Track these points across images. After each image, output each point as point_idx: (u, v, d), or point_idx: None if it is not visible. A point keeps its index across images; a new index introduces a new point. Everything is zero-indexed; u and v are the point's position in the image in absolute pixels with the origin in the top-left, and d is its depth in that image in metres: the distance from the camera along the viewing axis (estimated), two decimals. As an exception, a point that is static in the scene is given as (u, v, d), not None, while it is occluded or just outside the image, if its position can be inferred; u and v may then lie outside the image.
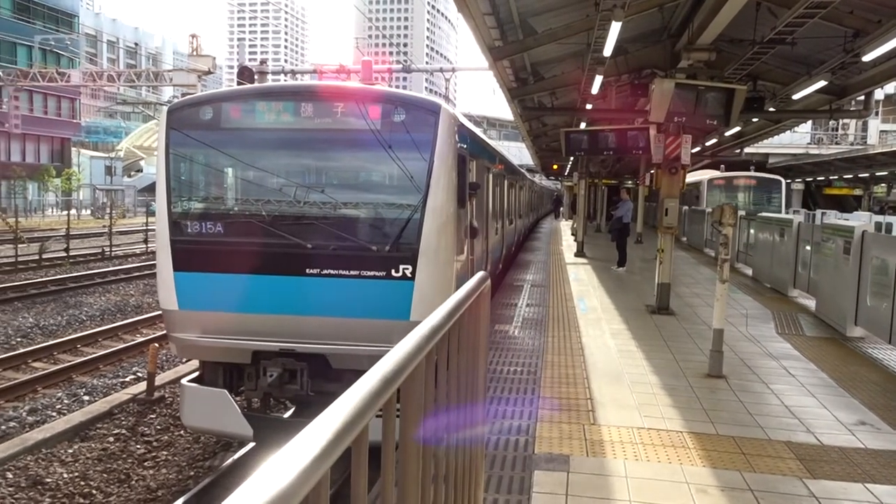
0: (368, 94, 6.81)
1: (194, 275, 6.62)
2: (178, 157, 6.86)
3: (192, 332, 6.64)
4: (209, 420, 6.66)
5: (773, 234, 13.73)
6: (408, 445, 1.55)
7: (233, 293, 6.52)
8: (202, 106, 6.86)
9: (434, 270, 6.35)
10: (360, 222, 6.66)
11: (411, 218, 6.37)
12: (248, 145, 6.93)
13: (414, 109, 6.58)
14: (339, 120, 6.65)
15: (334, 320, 6.36)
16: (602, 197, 36.58)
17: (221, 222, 6.73)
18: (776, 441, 5.21)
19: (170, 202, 6.74)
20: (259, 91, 7.59)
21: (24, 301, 16.16)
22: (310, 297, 6.39)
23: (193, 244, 6.65)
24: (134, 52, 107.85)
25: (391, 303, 6.28)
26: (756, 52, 11.43)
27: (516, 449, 4.93)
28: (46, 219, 46.14)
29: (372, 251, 6.35)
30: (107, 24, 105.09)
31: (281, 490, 0.78)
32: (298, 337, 6.40)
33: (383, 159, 6.54)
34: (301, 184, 6.84)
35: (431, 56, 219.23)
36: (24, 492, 6.69)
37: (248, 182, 7.06)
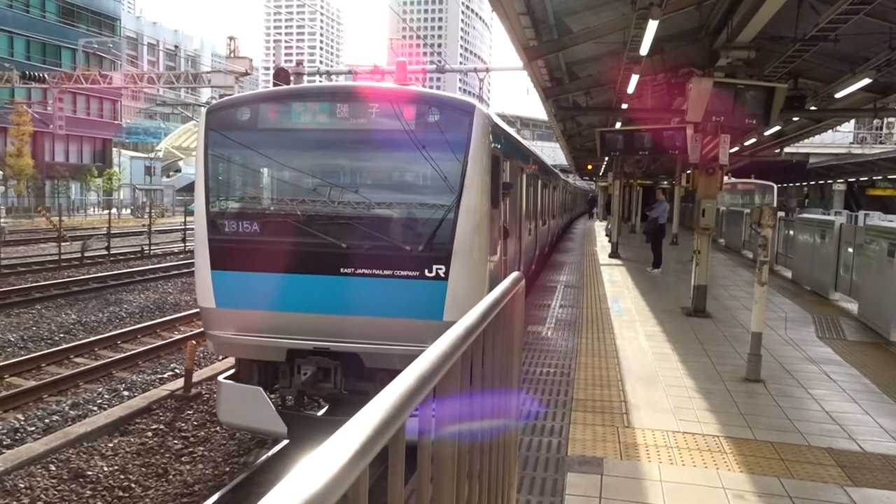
0: (403, 95, 6.85)
1: (231, 273, 6.71)
2: (216, 158, 6.98)
3: (229, 330, 6.73)
4: (244, 417, 6.75)
5: (813, 235, 13.44)
6: (443, 444, 1.55)
7: (268, 292, 6.58)
8: (240, 107, 6.96)
9: (467, 271, 6.34)
10: (394, 222, 6.68)
11: (445, 218, 6.36)
12: (285, 146, 7.02)
13: (448, 110, 6.58)
14: (373, 120, 6.66)
15: (368, 319, 6.40)
16: (637, 198, 36.20)
17: (258, 222, 6.82)
18: (816, 447, 5.10)
19: (208, 201, 6.85)
20: (295, 92, 7.66)
21: (66, 298, 16.58)
22: (344, 296, 6.42)
23: (231, 243, 6.74)
24: (174, 55, 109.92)
25: (424, 303, 6.29)
26: (797, 49, 11.19)
27: (549, 450, 4.90)
28: (88, 218, 47.31)
29: (406, 251, 6.36)
30: (147, 26, 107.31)
31: (323, 485, 0.79)
32: (332, 336, 6.45)
33: (417, 159, 6.53)
34: (336, 184, 6.88)
35: (465, 56, 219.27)
36: (66, 484, 6.86)
37: (285, 182, 7.15)
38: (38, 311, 15.10)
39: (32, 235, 31.94)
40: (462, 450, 1.74)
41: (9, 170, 43.59)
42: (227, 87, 33.21)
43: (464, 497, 1.79)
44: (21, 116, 46.67)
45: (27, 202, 47.65)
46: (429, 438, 1.48)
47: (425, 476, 1.45)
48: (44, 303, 15.89)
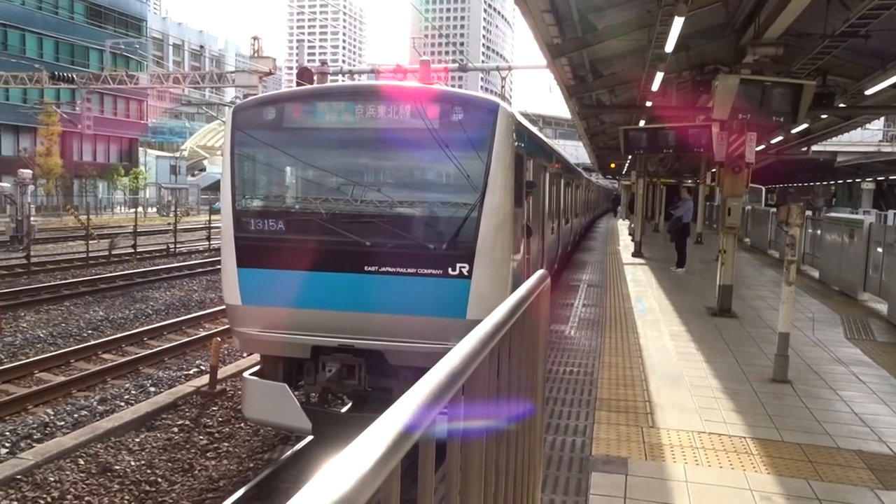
0: (427, 94, 6.86)
1: (257, 271, 6.75)
2: (242, 156, 7.02)
3: (254, 327, 6.78)
4: (269, 413, 6.80)
5: (841, 235, 13.23)
6: (471, 441, 1.55)
7: (293, 289, 6.60)
8: (265, 106, 7.01)
9: (491, 269, 6.33)
10: (418, 221, 6.69)
11: (468, 217, 6.34)
12: (310, 144, 7.07)
13: (472, 108, 6.59)
14: (397, 119, 6.66)
15: (392, 317, 6.40)
16: (660, 196, 35.89)
17: (283, 220, 6.86)
18: (846, 450, 5.02)
19: (234, 200, 6.90)
20: (320, 91, 7.68)
21: (94, 295, 16.84)
22: (368, 294, 6.45)
23: (256, 241, 6.79)
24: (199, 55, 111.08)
25: (448, 301, 6.28)
26: (826, 46, 11.01)
27: (573, 450, 4.88)
28: (115, 216, 48.02)
29: (429, 249, 6.36)
30: (173, 27, 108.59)
31: (357, 481, 0.79)
32: (356, 333, 6.46)
33: (441, 158, 6.52)
34: (360, 182, 6.90)
35: (488, 55, 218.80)
36: (94, 478, 6.97)
37: (310, 180, 7.19)
38: (67, 307, 15.35)
39: (61, 234, 32.50)
40: (489, 448, 1.74)
41: (38, 169, 44.36)
42: (251, 87, 33.46)
43: (491, 494, 1.78)
44: (50, 116, 47.51)
45: (56, 201, 48.48)
46: (458, 436, 1.48)
47: (454, 474, 1.45)
48: (72, 300, 16.15)
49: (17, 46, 51.67)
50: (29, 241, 23.01)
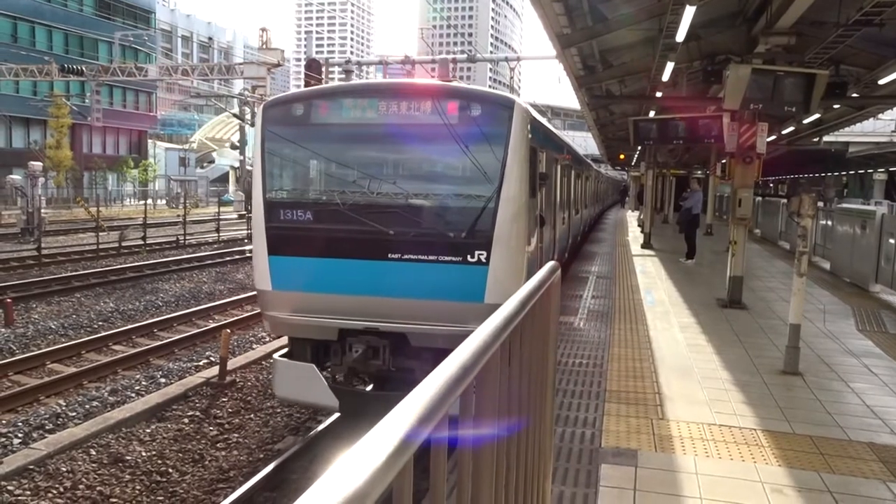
0: (446, 91, 7.17)
1: (287, 258, 7.12)
2: (271, 150, 7.37)
3: (284, 311, 7.15)
4: (298, 391, 7.17)
5: (853, 226, 13.13)
6: (483, 433, 1.54)
7: (321, 275, 7.01)
8: (293, 103, 7.35)
9: (507, 256, 6.63)
10: (439, 211, 7.02)
11: (486, 207, 6.66)
12: (336, 139, 7.44)
13: (489, 105, 6.93)
14: (418, 115, 7.00)
15: (414, 302, 6.73)
16: (670, 188, 35.72)
17: (311, 210, 7.22)
18: (857, 442, 4.99)
19: (265, 191, 7.24)
20: (345, 89, 7.98)
21: (105, 287, 16.93)
22: (392, 279, 6.79)
23: (286, 230, 7.15)
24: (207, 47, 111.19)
25: (466, 286, 6.59)
26: (840, 35, 10.90)
27: (583, 442, 4.88)
28: (125, 208, 48.21)
29: (449, 238, 6.71)
30: (181, 19, 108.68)
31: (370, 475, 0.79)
32: (381, 317, 6.79)
33: (460, 152, 6.84)
34: (383, 175, 7.33)
35: (496, 45, 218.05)
36: (106, 468, 7.02)
37: (336, 173, 7.55)
38: (78, 299, 15.45)
39: (71, 225, 32.68)
40: (500, 440, 1.73)
41: (48, 161, 44.55)
42: (260, 79, 33.51)
43: (502, 485, 1.78)
44: (60, 109, 47.69)
45: (66, 193, 48.72)
46: (469, 428, 1.48)
47: (466, 465, 1.44)
48: (83, 291, 16.24)
49: (27, 39, 51.84)
50: (40, 233, 23.14)
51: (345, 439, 7.99)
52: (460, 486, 1.44)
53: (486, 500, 1.60)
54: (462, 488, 1.43)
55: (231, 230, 32.59)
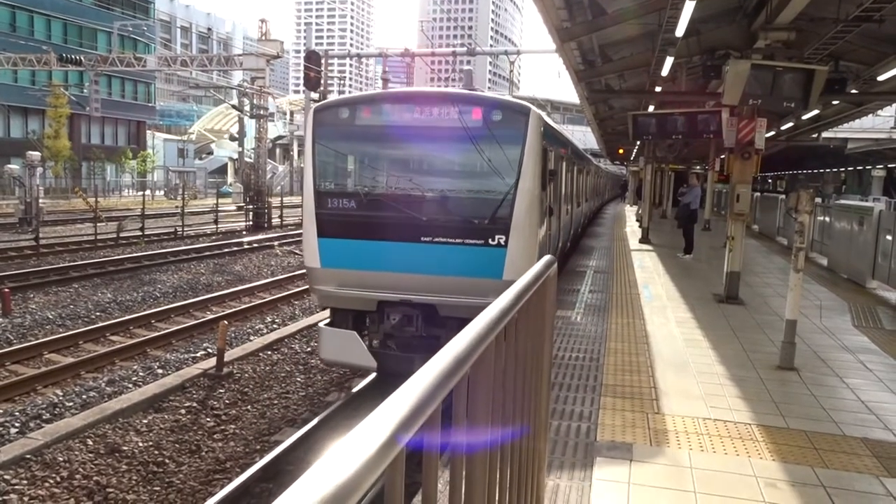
0: (471, 98, 8.38)
1: (334, 240, 8.26)
2: (321, 147, 8.48)
3: (331, 285, 8.28)
4: (341, 355, 8.31)
5: (851, 222, 13.14)
6: (477, 424, 1.55)
7: (364, 255, 8.14)
8: (340, 107, 8.54)
9: (522, 240, 7.75)
10: (465, 201, 8.18)
11: (505, 198, 7.80)
12: (376, 138, 8.63)
13: (509, 111, 8.08)
14: (448, 119, 8.07)
15: (443, 278, 7.83)
16: (668, 182, 35.72)
17: (355, 199, 8.34)
18: (851, 437, 5.01)
19: (315, 182, 8.35)
20: (385, 96, 9.16)
21: (102, 277, 16.92)
22: (424, 259, 7.89)
23: (334, 216, 8.27)
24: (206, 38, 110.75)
25: (488, 265, 7.71)
26: (839, 30, 10.88)
27: (578, 435, 4.89)
28: (123, 199, 48.13)
29: (473, 224, 7.85)
30: (180, 10, 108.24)
31: (361, 464, 0.79)
32: (414, 290, 7.92)
33: (484, 150, 7.98)
34: (417, 169, 8.66)
35: (496, 39, 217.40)
36: (102, 458, 7.04)
37: (376, 167, 8.82)
38: (76, 289, 15.44)
39: (69, 216, 32.63)
40: (496, 432, 1.74)
41: (47, 151, 44.44)
42: (259, 70, 33.38)
43: (496, 478, 1.79)
44: (58, 99, 47.51)
45: (64, 183, 48.60)
46: (463, 419, 1.48)
47: (460, 457, 1.45)
48: (81, 282, 16.24)
49: (25, 28, 51.61)
50: (38, 223, 23.11)
51: (343, 430, 8.02)
52: (454, 478, 1.45)
53: (481, 492, 1.61)
54: (456, 481, 1.44)
55: (229, 222, 32.56)
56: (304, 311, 14.35)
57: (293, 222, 34.77)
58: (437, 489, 1.26)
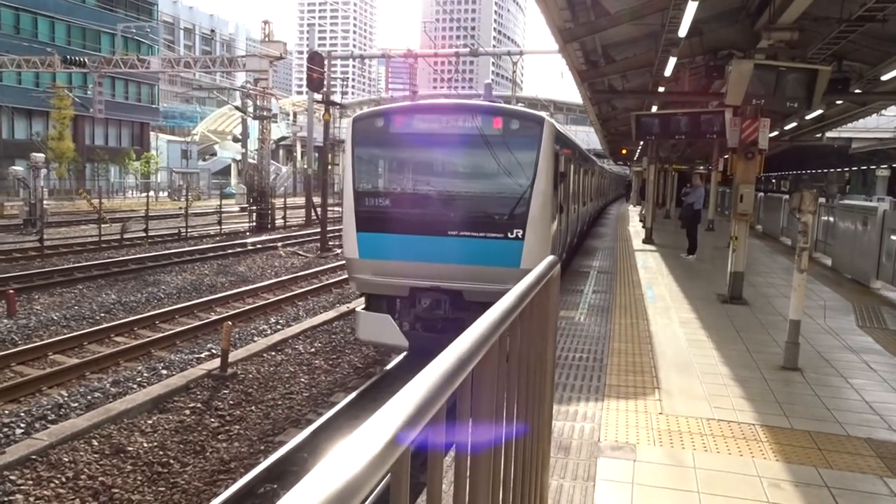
0: (492, 109, 9.42)
1: (371, 234, 9.31)
2: (359, 152, 9.56)
3: (368, 274, 9.36)
4: (377, 335, 9.47)
5: (855, 222, 13.12)
6: (480, 425, 1.56)
7: (398, 247, 9.18)
8: (376, 117, 9.65)
9: (537, 234, 8.82)
10: (487, 199, 9.26)
11: (522, 197, 8.88)
12: (408, 144, 9.66)
13: (525, 120, 9.22)
14: (472, 127, 9.13)
15: (467, 267, 8.89)
16: (672, 183, 35.67)
17: (390, 198, 9.51)
18: (855, 437, 5.00)
19: (355, 183, 9.41)
20: (416, 107, 10.21)
21: (107, 278, 16.97)
22: (451, 250, 8.92)
23: (371, 213, 9.34)
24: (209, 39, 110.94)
25: (507, 255, 8.76)
26: (843, 30, 10.87)
27: (582, 435, 4.90)
28: (127, 200, 48.22)
29: (495, 219, 8.97)
30: (184, 11, 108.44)
31: (366, 464, 0.80)
32: (443, 278, 8.98)
33: (503, 155, 9.02)
34: (444, 171, 9.78)
35: (499, 39, 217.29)
36: (107, 459, 7.06)
37: (408, 169, 9.95)
38: (80, 290, 15.49)
39: (74, 217, 32.73)
40: (499, 432, 1.75)
41: (51, 153, 44.54)
42: (262, 72, 33.42)
43: (500, 479, 1.80)
44: (62, 100, 47.59)
45: (68, 185, 48.71)
46: (467, 420, 1.49)
47: (464, 457, 1.46)
48: (85, 283, 16.29)
49: (29, 30, 51.75)
50: (42, 225, 23.19)
51: (347, 431, 8.03)
52: (458, 479, 1.46)
53: (484, 493, 1.61)
54: (460, 481, 1.45)
55: (232, 223, 32.62)
56: (307, 311, 14.37)
57: (296, 223, 34.82)
58: (442, 489, 1.27)
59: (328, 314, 13.66)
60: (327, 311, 14.19)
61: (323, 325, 12.80)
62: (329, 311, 14.00)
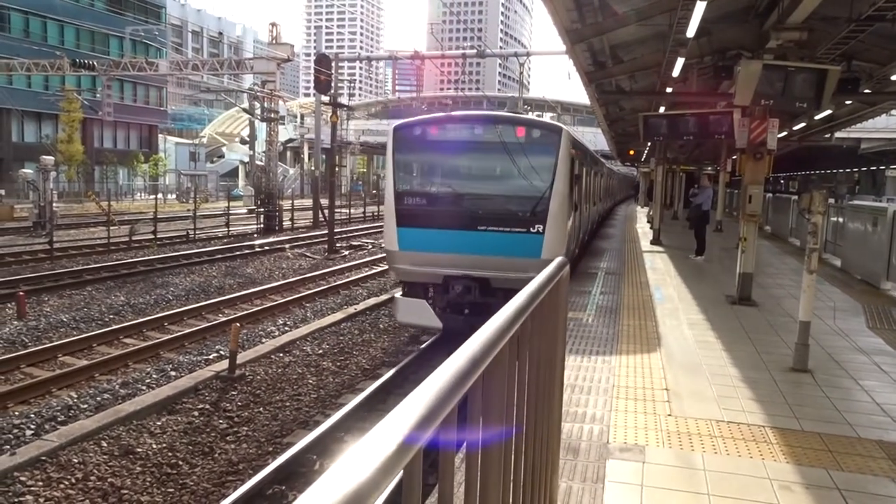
0: (517, 120, 11.05)
1: (409, 229, 10.58)
2: (399, 157, 10.86)
3: (406, 264, 10.69)
4: (414, 317, 10.82)
5: (864, 223, 13.04)
6: (490, 426, 1.56)
7: (433, 240, 10.45)
8: (414, 126, 10.93)
9: (555, 228, 10.12)
10: (512, 198, 10.44)
11: (543, 196, 10.17)
12: (442, 150, 10.95)
13: (546, 129, 10.70)
14: (499, 135, 10.50)
15: (494, 258, 10.11)
16: (679, 184, 35.58)
17: (426, 197, 10.81)
18: (866, 439, 4.97)
19: (395, 184, 10.72)
20: (449, 117, 11.40)
21: (116, 280, 17.05)
22: (480, 243, 10.19)
23: (409, 210, 10.63)
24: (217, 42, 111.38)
25: (529, 247, 10.03)
26: (852, 30, 10.79)
27: (591, 437, 4.88)
28: (135, 202, 48.45)
29: (519, 216, 10.24)
30: (192, 14, 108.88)
31: (382, 462, 0.80)
32: (472, 267, 10.25)
33: (527, 160, 10.38)
34: (474, 174, 11.12)
35: (506, 41, 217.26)
36: (117, 460, 7.08)
37: (442, 172, 11.21)
38: (89, 292, 15.56)
39: (83, 219, 32.90)
40: (509, 433, 1.74)
41: (60, 156, 44.81)
42: (269, 74, 33.53)
43: (510, 480, 1.79)
44: (71, 103, 47.92)
45: (77, 187, 48.99)
46: (478, 421, 1.49)
47: (474, 458, 1.46)
48: (94, 285, 16.37)
49: (38, 34, 52.12)
50: (51, 227, 23.32)
51: (356, 432, 8.04)
52: (469, 479, 1.46)
53: (495, 494, 1.61)
54: (471, 481, 1.45)
55: (240, 225, 32.71)
56: (315, 313, 14.39)
57: (304, 225, 34.88)
58: (454, 489, 1.27)
59: (336, 316, 13.68)
60: (335, 312, 14.20)
61: (330, 327, 12.81)
62: (337, 313, 14.01)
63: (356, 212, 44.07)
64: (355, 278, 18.80)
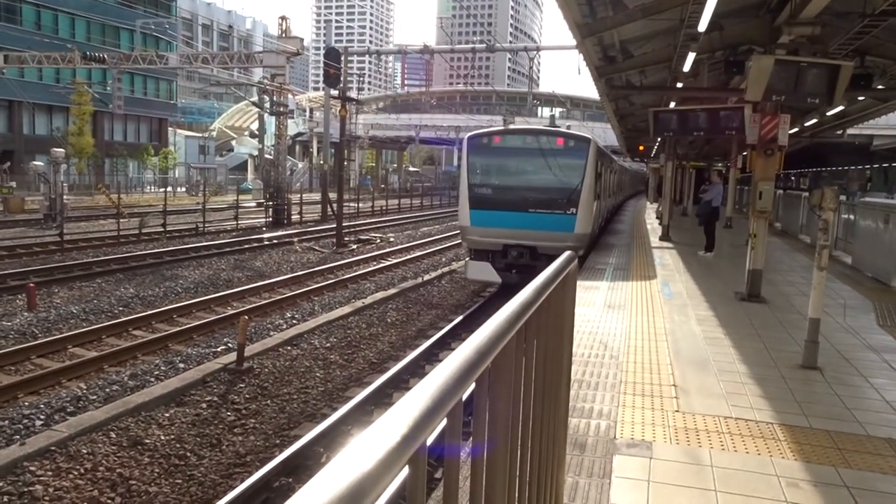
0: (558, 133, 15.39)
1: (479, 210, 14.87)
2: (472, 159, 15.23)
3: (476, 236, 15.01)
4: (480, 275, 14.97)
5: (876, 220, 12.94)
6: (497, 420, 1.55)
7: (496, 218, 14.72)
8: (482, 136, 15.45)
9: (584, 211, 14.36)
10: (553, 189, 14.63)
11: (576, 188, 14.44)
12: (503, 154, 15.30)
13: (578, 141, 15.05)
14: (544, 144, 14.82)
15: (540, 231, 14.31)
16: (689, 180, 35.40)
17: (491, 188, 15.04)
18: (875, 437, 4.94)
19: (469, 178, 15.14)
20: (508, 130, 16.67)
21: (125, 273, 17.13)
22: (530, 220, 14.44)
23: (479, 197, 14.96)
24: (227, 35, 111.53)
25: (565, 224, 14.29)
26: (866, 25, 10.70)
27: (598, 433, 4.87)
28: (145, 195, 48.63)
29: (558, 202, 14.45)
30: (202, 8, 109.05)
31: (385, 455, 0.79)
32: (524, 238, 14.51)
33: (564, 162, 14.61)
34: (526, 171, 15.01)
35: (516, 35, 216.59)
36: (125, 451, 7.12)
37: (502, 170, 15.33)
38: (99, 284, 15.65)
39: (93, 212, 33.06)
40: (514, 427, 1.74)
41: (70, 148, 45.01)
42: (279, 67, 33.54)
43: (515, 474, 1.78)
44: (82, 96, 48.12)
45: (88, 180, 49.24)
46: (484, 413, 1.48)
47: (480, 452, 1.45)
48: (104, 277, 16.46)
49: (50, 27, 52.32)
50: (62, 219, 23.44)
51: (363, 425, 8.05)
52: (474, 474, 1.45)
53: (501, 489, 1.60)
54: (476, 476, 1.44)
55: (249, 218, 32.80)
56: (322, 306, 14.42)
57: (312, 219, 34.94)
58: (459, 484, 1.26)
59: (343, 309, 13.70)
60: (343, 306, 14.23)
61: (338, 321, 12.83)
62: (345, 307, 14.03)
63: (365, 206, 44.12)
64: (363, 272, 18.83)
